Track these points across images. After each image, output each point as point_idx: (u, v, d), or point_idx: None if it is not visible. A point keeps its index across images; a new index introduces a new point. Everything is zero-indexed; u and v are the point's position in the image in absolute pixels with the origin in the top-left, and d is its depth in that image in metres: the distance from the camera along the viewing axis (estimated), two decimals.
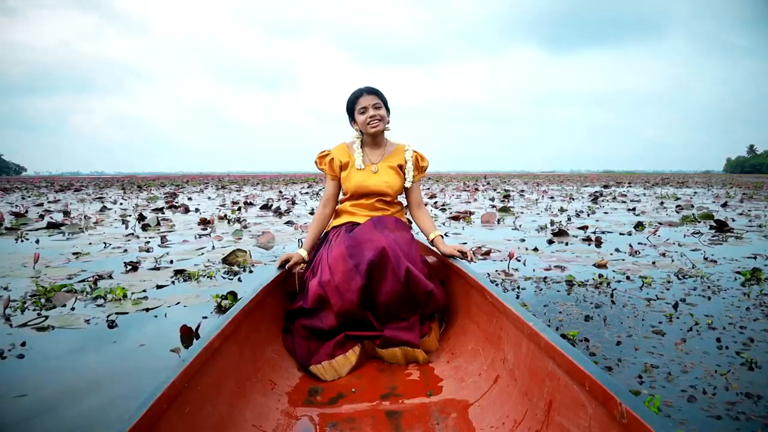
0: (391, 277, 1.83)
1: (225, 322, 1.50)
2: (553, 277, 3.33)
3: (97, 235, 5.68)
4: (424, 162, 2.41)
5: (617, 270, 3.58)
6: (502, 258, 4.05)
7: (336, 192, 2.39)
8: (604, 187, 20.83)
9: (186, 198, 13.66)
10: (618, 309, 2.60)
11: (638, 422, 0.91)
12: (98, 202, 11.73)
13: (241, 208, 9.45)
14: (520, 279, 3.31)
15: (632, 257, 4.12)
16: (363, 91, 2.23)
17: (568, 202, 11.40)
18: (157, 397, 1.05)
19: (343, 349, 1.83)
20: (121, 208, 10.12)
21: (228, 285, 3.21)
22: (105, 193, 16.65)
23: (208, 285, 3.22)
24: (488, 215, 7.14)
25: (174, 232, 5.96)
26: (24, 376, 1.86)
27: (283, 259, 2.16)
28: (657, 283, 3.15)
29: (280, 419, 1.48)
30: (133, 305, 2.73)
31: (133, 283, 3.26)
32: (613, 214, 8.31)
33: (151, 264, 3.91)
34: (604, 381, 1.04)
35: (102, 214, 8.44)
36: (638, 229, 5.93)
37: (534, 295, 2.90)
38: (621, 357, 1.98)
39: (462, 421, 1.44)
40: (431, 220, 2.38)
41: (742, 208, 9.76)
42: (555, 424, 1.21)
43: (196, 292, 3.02)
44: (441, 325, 2.15)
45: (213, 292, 2.93)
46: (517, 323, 1.50)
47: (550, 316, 2.50)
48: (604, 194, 14.51)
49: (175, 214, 8.71)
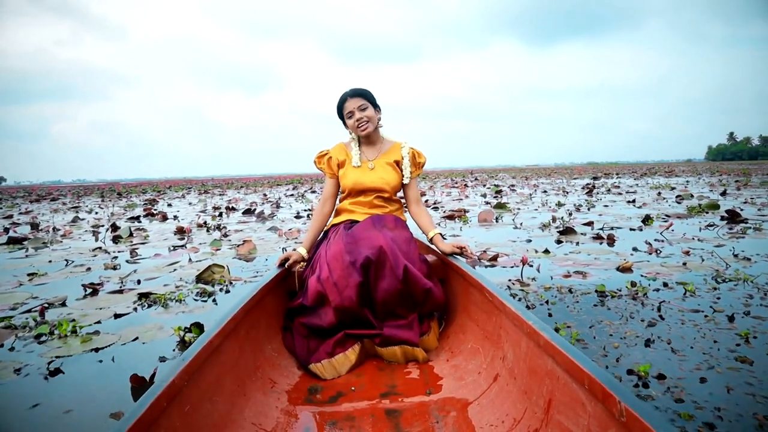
0: (389, 275, 1.83)
1: (225, 320, 1.50)
2: (577, 286, 2.90)
3: (62, 251, 5.14)
4: (421, 158, 2.40)
5: (646, 274, 3.16)
6: (512, 264, 3.61)
7: (335, 190, 2.39)
8: (593, 178, 20.55)
9: (166, 204, 13.08)
10: (676, 328, 2.17)
11: (637, 420, 0.90)
12: (72, 212, 11.11)
13: (223, 214, 8.93)
14: (539, 289, 2.87)
15: (656, 258, 3.70)
16: (347, 95, 2.24)
17: (563, 195, 11.03)
18: (157, 396, 1.04)
19: (343, 347, 1.82)
20: (95, 217, 9.54)
21: (200, 311, 2.73)
22: (82, 202, 15.98)
23: (176, 311, 2.74)
24: (485, 213, 6.71)
25: (147, 244, 5.45)
26: None
27: (283, 257, 2.18)
28: (701, 290, 2.72)
29: (279, 417, 1.47)
30: (81, 343, 2.25)
31: (89, 312, 2.77)
32: (614, 207, 7.93)
33: (115, 285, 3.41)
34: (603, 379, 1.03)
35: (73, 225, 7.88)
36: (647, 224, 5.54)
37: (568, 312, 2.45)
38: (720, 404, 1.52)
39: (461, 420, 1.43)
40: (430, 218, 2.36)
41: (742, 195, 9.45)
42: (554, 423, 1.20)
43: (160, 322, 2.54)
44: (440, 324, 2.15)
45: (180, 321, 2.46)
46: (516, 321, 1.50)
47: (604, 342, 2.03)
48: (597, 186, 14.18)
49: (152, 222, 8.17)
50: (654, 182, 16.03)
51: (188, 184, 38.63)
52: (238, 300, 1.70)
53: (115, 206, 13.04)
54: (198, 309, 2.76)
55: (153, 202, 14.48)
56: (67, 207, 13.35)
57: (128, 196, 19.03)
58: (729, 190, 10.88)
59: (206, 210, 10.35)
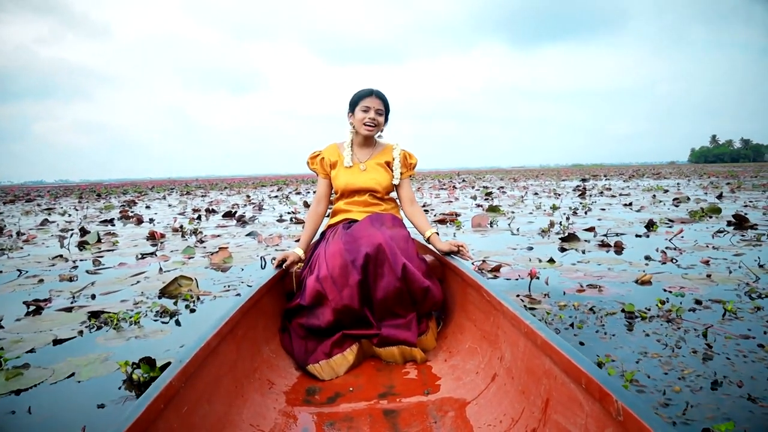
0: (388, 273, 1.82)
1: (222, 321, 1.48)
2: (597, 303, 2.53)
3: (19, 258, 4.67)
4: (412, 159, 2.42)
5: (670, 288, 2.80)
6: (516, 275, 3.24)
7: (328, 191, 2.40)
8: (582, 180, 20.34)
9: (144, 206, 12.56)
10: (738, 362, 1.78)
11: (634, 419, 0.89)
12: (45, 214, 10.56)
13: (201, 217, 8.48)
14: (553, 307, 2.50)
15: (674, 268, 3.35)
16: (373, 92, 2.24)
17: (556, 198, 10.71)
18: (155, 397, 1.02)
19: (341, 348, 1.80)
20: (66, 220, 9.02)
21: (157, 336, 2.31)
22: (58, 203, 15.36)
23: (129, 335, 2.32)
24: (479, 218, 6.34)
25: (114, 251, 4.99)
26: None
27: (280, 258, 2.17)
28: (743, 310, 2.36)
29: (277, 419, 1.46)
30: (5, 380, 1.83)
31: (25, 336, 2.34)
32: (611, 210, 7.61)
33: (66, 301, 2.98)
34: (600, 378, 1.02)
35: (40, 229, 7.38)
36: (652, 229, 5.20)
37: (599, 339, 2.06)
38: None
39: (459, 420, 1.42)
40: (425, 218, 2.35)
41: (739, 199, 9.20)
42: (552, 422, 1.18)
43: (107, 351, 2.11)
44: (438, 324, 2.13)
45: (130, 351, 2.06)
46: (514, 321, 1.49)
47: (660, 383, 1.64)
48: (588, 188, 13.91)
49: (126, 226, 7.69)
50: (645, 184, 15.80)
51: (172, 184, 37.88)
52: (235, 301, 1.69)
53: (91, 208, 12.49)
54: (155, 333, 2.34)
55: (132, 203, 13.94)
56: (40, 209, 12.76)
57: (107, 198, 18.41)
58: (724, 193, 10.64)
59: (185, 212, 9.88)
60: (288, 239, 5.42)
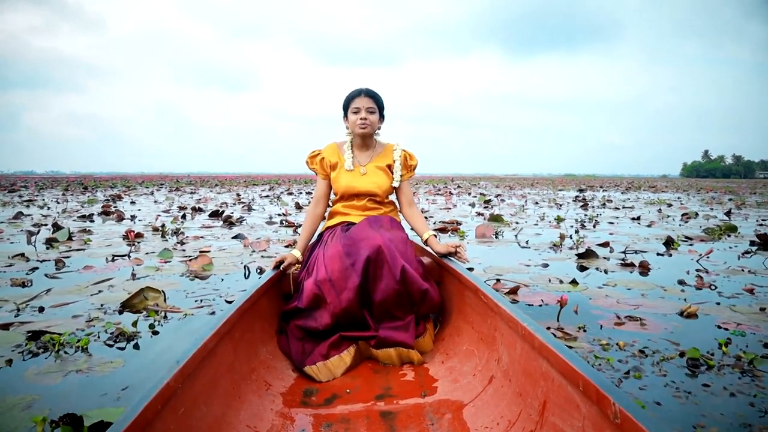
0: (387, 276, 1.81)
1: (220, 322, 1.46)
2: (646, 342, 2.10)
3: None
4: (412, 161, 2.40)
5: (724, 325, 2.37)
6: (539, 300, 2.79)
7: (327, 191, 2.39)
8: (580, 191, 20.00)
9: (129, 202, 12.04)
10: None
11: (631, 422, 0.87)
12: (23, 206, 10.02)
13: (187, 216, 7.99)
14: (593, 345, 2.06)
15: (714, 295, 2.93)
16: (362, 92, 2.23)
17: (557, 208, 10.32)
18: (152, 398, 1.00)
19: (338, 349, 1.79)
20: (43, 214, 8.51)
21: (105, 369, 1.85)
22: (42, 195, 14.80)
23: (70, 367, 1.85)
24: (483, 228, 5.90)
25: (84, 251, 4.51)
26: None
27: (278, 260, 2.15)
28: None
29: (274, 420, 1.44)
30: None
31: None
32: (620, 224, 7.20)
33: (8, 314, 2.51)
34: (597, 381, 1.00)
35: (11, 223, 6.88)
36: (672, 247, 4.80)
37: (671, 395, 1.63)
38: None
39: (456, 422, 1.40)
40: (424, 220, 2.36)
41: (750, 216, 8.84)
42: (549, 424, 1.17)
43: (34, 392, 1.64)
44: (436, 326, 2.12)
45: (64, 393, 1.60)
46: (511, 323, 1.48)
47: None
48: (588, 199, 13.53)
49: (105, 222, 7.20)
50: (645, 197, 15.47)
51: (162, 180, 37.23)
52: (233, 303, 1.66)
53: (74, 202, 11.96)
54: (103, 366, 1.87)
55: (117, 198, 13.42)
56: (21, 200, 12.22)
57: (93, 191, 17.83)
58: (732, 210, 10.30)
59: (170, 210, 9.38)
60: (277, 244, 4.95)
